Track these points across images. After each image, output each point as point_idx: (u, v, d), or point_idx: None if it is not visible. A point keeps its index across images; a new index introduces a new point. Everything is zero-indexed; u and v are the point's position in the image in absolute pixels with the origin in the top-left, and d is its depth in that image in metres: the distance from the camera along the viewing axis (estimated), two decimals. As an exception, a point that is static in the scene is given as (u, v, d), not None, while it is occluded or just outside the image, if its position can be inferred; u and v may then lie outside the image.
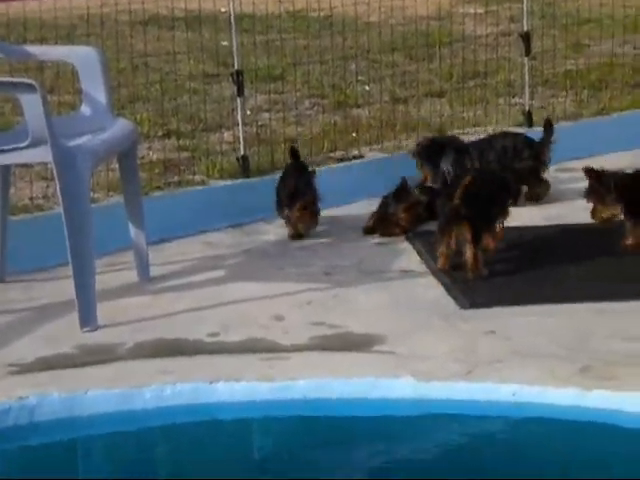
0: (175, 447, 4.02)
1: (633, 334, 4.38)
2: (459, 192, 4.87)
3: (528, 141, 5.72)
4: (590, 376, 4.05)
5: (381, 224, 5.51)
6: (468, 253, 4.90)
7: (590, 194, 5.21)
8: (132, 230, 5.05)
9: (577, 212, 5.58)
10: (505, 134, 5.85)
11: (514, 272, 4.98)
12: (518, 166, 5.61)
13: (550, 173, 6.13)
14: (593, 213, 5.24)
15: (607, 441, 3.92)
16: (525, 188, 5.72)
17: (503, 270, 5.01)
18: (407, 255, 5.27)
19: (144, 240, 5.04)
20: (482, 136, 5.96)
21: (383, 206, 5.56)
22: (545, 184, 5.82)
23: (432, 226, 5.47)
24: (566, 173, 6.16)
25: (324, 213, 5.66)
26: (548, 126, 5.74)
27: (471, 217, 4.87)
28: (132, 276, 5.07)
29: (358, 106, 6.75)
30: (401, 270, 5.11)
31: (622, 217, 5.14)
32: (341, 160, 6.12)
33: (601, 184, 5.14)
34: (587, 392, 3.97)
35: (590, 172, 5.19)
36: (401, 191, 5.53)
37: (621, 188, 5.11)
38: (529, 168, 5.67)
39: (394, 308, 4.70)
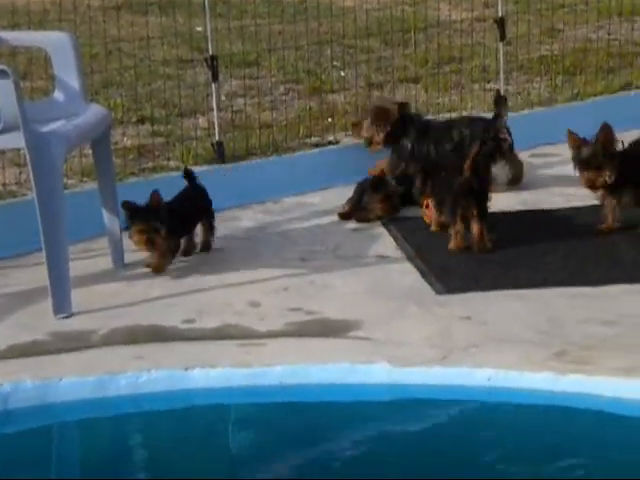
0: (150, 434, 4.01)
1: (608, 318, 4.40)
2: (469, 164, 4.91)
3: (484, 123, 5.64)
4: (565, 360, 4.07)
5: (357, 210, 5.50)
6: (475, 228, 4.93)
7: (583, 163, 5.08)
8: (106, 216, 5.02)
9: (552, 197, 5.60)
10: (463, 118, 5.81)
11: (490, 257, 4.99)
12: (483, 150, 5.53)
13: (525, 158, 6.14)
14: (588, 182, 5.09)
15: (583, 425, 3.93)
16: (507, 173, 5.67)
17: (479, 255, 5.01)
18: (383, 240, 5.26)
19: (118, 226, 5.01)
20: (443, 119, 5.93)
21: (358, 192, 5.56)
22: (517, 163, 5.77)
23: (407, 212, 5.49)
24: (540, 158, 6.17)
25: (299, 199, 5.65)
26: (499, 101, 5.65)
27: (481, 190, 4.92)
28: (106, 262, 5.04)
29: (333, 91, 6.72)
30: (377, 255, 5.11)
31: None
32: (316, 146, 6.10)
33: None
34: (562, 376, 3.98)
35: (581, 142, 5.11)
36: (378, 180, 5.53)
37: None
38: (491, 150, 5.58)
39: (370, 294, 4.70)
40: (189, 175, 5.16)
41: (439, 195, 5.10)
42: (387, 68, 6.94)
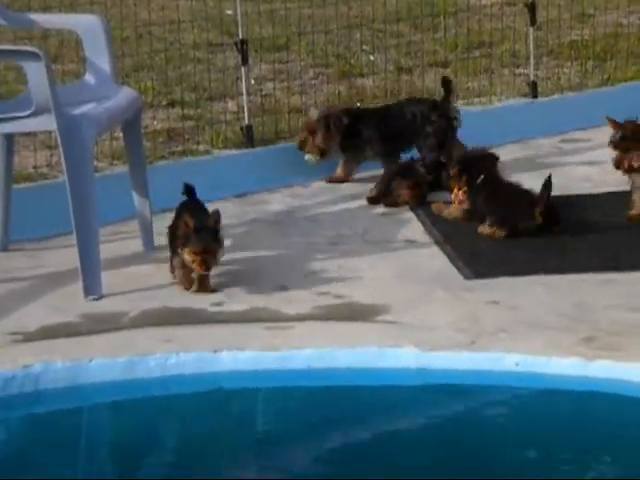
0: (179, 416, 4.03)
1: (637, 304, 4.38)
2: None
3: (434, 104, 5.64)
4: (594, 346, 4.06)
5: (385, 195, 5.50)
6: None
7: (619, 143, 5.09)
8: (136, 199, 5.04)
9: (581, 182, 5.57)
10: (411, 100, 5.80)
11: (518, 243, 4.98)
12: (430, 129, 5.54)
13: (554, 144, 6.12)
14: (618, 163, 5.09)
15: (611, 411, 3.93)
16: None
17: (507, 240, 5.00)
18: (411, 225, 5.26)
19: (148, 209, 5.03)
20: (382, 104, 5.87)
21: (387, 177, 5.55)
22: (459, 147, 5.64)
23: (436, 197, 5.48)
24: (570, 144, 6.14)
25: (328, 185, 5.66)
26: (446, 84, 5.65)
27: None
28: (136, 245, 5.07)
29: (362, 76, 6.72)
30: (405, 240, 5.11)
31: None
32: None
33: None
34: (590, 362, 3.97)
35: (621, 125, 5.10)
36: (407, 167, 5.52)
37: None
38: (443, 129, 5.58)
39: (398, 278, 4.71)
40: (190, 191, 4.76)
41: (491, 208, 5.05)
42: (416, 52, 6.93)
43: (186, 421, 4.00)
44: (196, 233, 4.45)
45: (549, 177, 5.01)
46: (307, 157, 5.56)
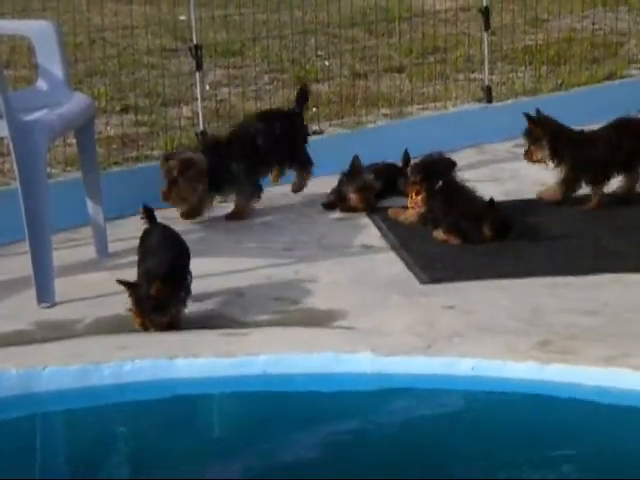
0: (133, 424, 4.00)
1: (591, 308, 4.41)
2: None
3: (292, 114, 5.52)
4: (548, 350, 4.08)
5: (341, 200, 5.50)
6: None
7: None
8: (90, 206, 5.00)
9: (535, 187, 5.61)
10: (270, 112, 5.61)
11: (474, 247, 5.00)
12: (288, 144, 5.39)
13: (509, 148, 6.15)
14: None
15: (566, 414, 3.94)
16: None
17: (462, 245, 5.02)
18: (368, 230, 5.26)
19: (102, 216, 5.00)
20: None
21: (342, 182, 5.55)
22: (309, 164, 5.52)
23: (392, 203, 5.48)
24: (524, 149, 6.17)
25: (284, 188, 5.64)
26: (300, 93, 5.56)
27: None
28: (90, 252, 5.03)
29: (318, 81, 6.72)
30: (362, 245, 5.11)
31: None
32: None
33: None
34: (545, 366, 3.99)
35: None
36: (353, 171, 5.52)
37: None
38: (297, 141, 5.44)
39: (354, 283, 4.70)
40: (149, 215, 4.50)
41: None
42: (371, 58, 6.93)
43: (141, 428, 3.97)
44: (139, 300, 4.15)
45: (491, 200, 5.05)
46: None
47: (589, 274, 4.71)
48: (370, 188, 5.47)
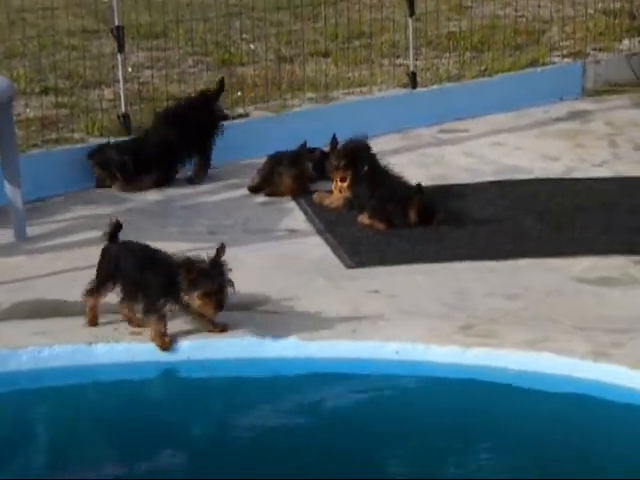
0: (52, 409, 3.93)
1: (512, 292, 4.44)
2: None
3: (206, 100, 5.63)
4: (471, 334, 4.10)
5: (267, 184, 5.46)
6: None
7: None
8: (8, 188, 4.90)
9: (460, 172, 5.62)
10: (185, 103, 5.69)
11: (398, 232, 4.99)
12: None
13: (434, 134, 6.16)
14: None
15: (489, 398, 3.96)
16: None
17: (387, 230, 5.00)
18: (293, 214, 5.23)
19: (20, 199, 4.89)
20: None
21: (270, 165, 5.50)
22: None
23: (318, 187, 5.45)
24: (449, 134, 6.19)
25: (210, 173, 5.58)
26: (220, 85, 5.68)
27: None
28: (8, 235, 4.92)
29: (243, 64, 6.66)
30: (287, 229, 5.08)
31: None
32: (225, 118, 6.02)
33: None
34: (468, 349, 4.01)
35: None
36: (295, 157, 5.47)
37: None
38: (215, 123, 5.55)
39: (280, 268, 4.67)
40: (113, 234, 4.25)
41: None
42: (297, 42, 6.89)
43: (60, 414, 3.90)
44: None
45: (419, 185, 5.05)
46: None
47: (510, 259, 4.73)
48: (307, 175, 5.43)
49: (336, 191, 5.23)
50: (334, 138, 5.45)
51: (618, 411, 3.81)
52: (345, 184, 5.17)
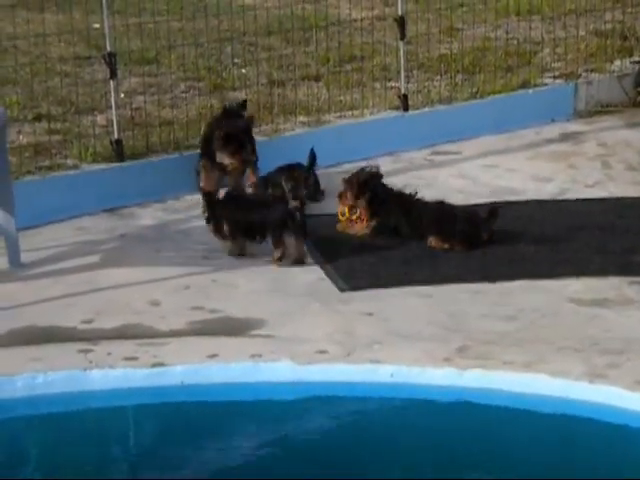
0: (48, 436, 3.92)
1: (507, 313, 4.44)
2: None
3: None
4: (466, 356, 4.09)
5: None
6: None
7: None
8: (1, 215, 4.89)
9: (453, 194, 5.63)
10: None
11: (392, 255, 5.00)
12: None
13: (425, 156, 6.18)
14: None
15: (485, 420, 3.96)
16: None
17: (380, 253, 5.02)
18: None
19: (14, 225, 4.89)
20: None
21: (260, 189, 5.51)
22: None
23: (311, 209, 5.45)
24: (441, 156, 6.21)
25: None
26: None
27: None
28: (2, 262, 4.91)
29: (235, 89, 6.67)
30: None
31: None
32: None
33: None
34: (464, 372, 4.01)
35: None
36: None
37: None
38: None
39: (273, 292, 4.67)
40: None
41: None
42: (289, 66, 6.91)
43: (55, 441, 3.88)
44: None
45: (496, 208, 5.10)
46: None
47: (505, 280, 4.74)
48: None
49: (354, 220, 5.20)
50: (312, 152, 5.46)
51: (614, 432, 3.80)
52: (363, 212, 5.16)
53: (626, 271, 4.75)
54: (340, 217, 5.25)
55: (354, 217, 5.22)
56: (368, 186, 5.20)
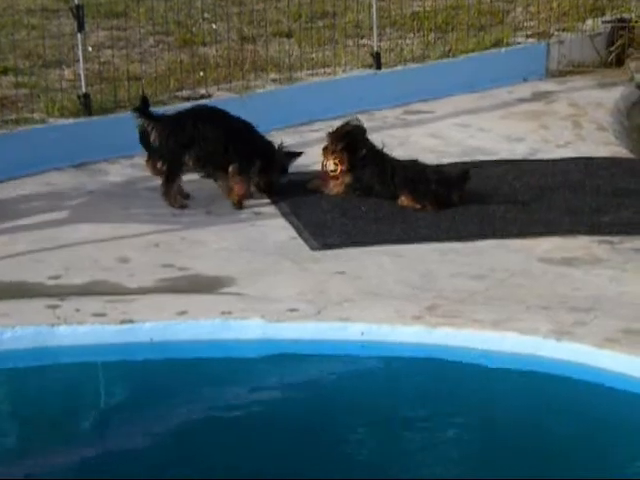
0: (15, 391, 3.88)
1: (477, 272, 4.44)
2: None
3: None
4: (436, 314, 4.09)
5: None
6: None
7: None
8: (-33, 169, 4.82)
9: (425, 154, 5.60)
10: None
11: (363, 214, 4.97)
12: None
13: (398, 115, 6.14)
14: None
15: (454, 377, 3.97)
16: None
17: (352, 212, 4.99)
18: (258, 196, 5.19)
19: (-20, 179, 4.82)
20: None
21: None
22: None
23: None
24: (413, 115, 6.17)
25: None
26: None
27: None
28: (-32, 217, 4.85)
29: (205, 44, 6.59)
30: (251, 212, 5.04)
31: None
32: (188, 99, 5.97)
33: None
34: (434, 330, 4.00)
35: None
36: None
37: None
38: None
39: (244, 250, 4.63)
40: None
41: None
42: (260, 22, 6.83)
43: (22, 397, 3.85)
44: None
45: (468, 171, 5.04)
46: None
47: (476, 240, 4.73)
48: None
49: (333, 177, 5.13)
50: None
51: (581, 389, 3.82)
52: (340, 168, 5.09)
53: (595, 231, 4.76)
54: (324, 170, 5.17)
55: (338, 171, 5.13)
56: (346, 141, 5.13)
